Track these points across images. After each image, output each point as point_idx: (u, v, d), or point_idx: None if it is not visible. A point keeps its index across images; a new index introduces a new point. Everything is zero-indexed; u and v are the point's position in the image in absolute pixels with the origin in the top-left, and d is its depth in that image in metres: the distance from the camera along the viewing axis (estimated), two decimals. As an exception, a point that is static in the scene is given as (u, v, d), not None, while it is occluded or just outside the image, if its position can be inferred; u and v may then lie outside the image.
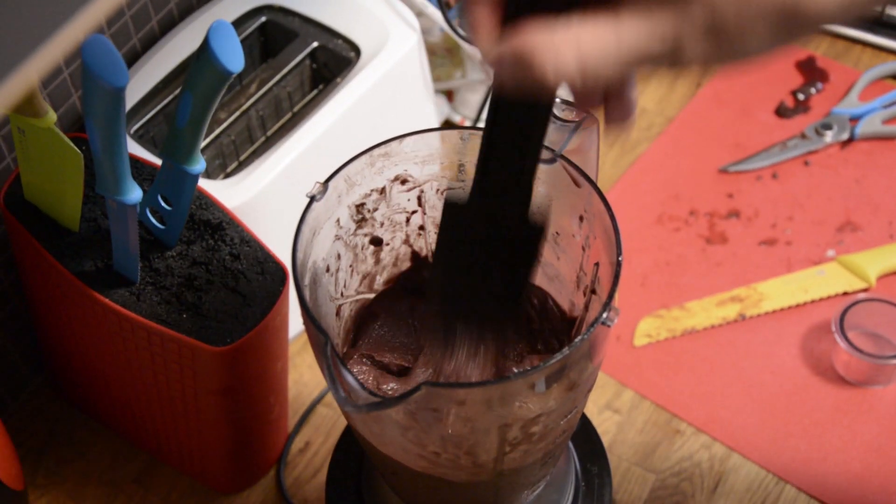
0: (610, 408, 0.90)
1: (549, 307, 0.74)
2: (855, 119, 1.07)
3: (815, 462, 0.87)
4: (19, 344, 0.91)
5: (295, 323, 0.82)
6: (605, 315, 0.59)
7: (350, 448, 0.83)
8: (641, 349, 0.94)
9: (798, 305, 0.95)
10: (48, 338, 0.88)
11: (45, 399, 0.93)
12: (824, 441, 0.88)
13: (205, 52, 0.62)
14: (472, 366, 0.66)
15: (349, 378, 0.57)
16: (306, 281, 0.65)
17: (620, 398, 0.91)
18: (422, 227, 0.75)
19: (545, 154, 0.66)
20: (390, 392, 0.70)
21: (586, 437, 0.83)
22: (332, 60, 0.92)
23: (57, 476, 0.89)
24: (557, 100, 0.67)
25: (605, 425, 0.89)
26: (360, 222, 0.71)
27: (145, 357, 0.75)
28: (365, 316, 0.75)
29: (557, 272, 0.73)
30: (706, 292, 0.97)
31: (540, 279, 0.75)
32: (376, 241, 0.74)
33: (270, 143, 0.86)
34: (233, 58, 0.63)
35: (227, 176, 0.88)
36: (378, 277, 0.75)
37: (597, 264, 0.66)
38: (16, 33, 0.34)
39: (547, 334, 0.73)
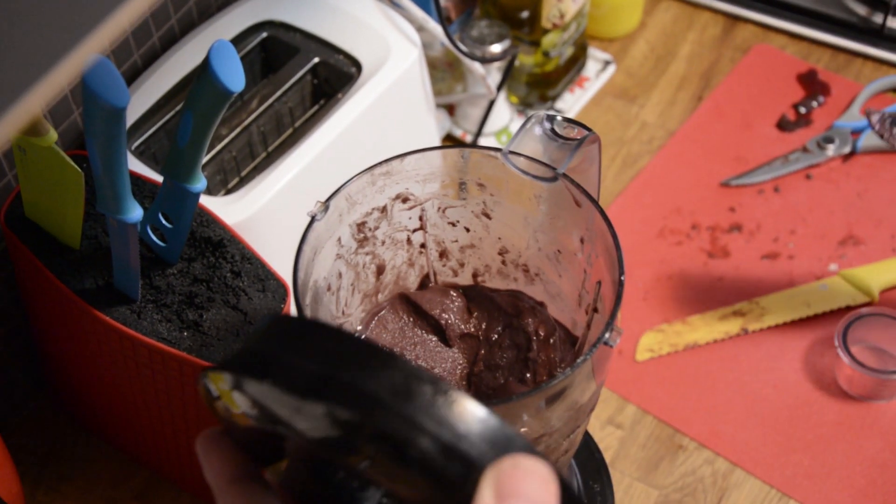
0: (612, 423, 0.90)
1: (554, 339, 0.74)
2: (857, 132, 1.07)
3: (819, 477, 0.86)
4: (20, 360, 0.90)
5: (296, 340, 0.81)
6: (607, 335, 0.59)
7: (352, 465, 0.82)
8: (643, 364, 0.93)
9: (801, 320, 0.95)
10: (49, 354, 0.88)
11: (45, 416, 0.93)
12: (828, 456, 0.87)
13: (206, 71, 0.62)
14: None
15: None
16: (307, 300, 0.65)
17: (622, 413, 0.91)
18: (423, 246, 0.74)
19: (547, 172, 0.66)
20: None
21: (588, 454, 0.83)
22: (334, 76, 0.92)
23: (57, 493, 0.89)
24: (559, 118, 0.67)
25: (607, 440, 0.89)
26: (362, 241, 0.71)
27: (146, 374, 0.75)
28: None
29: (559, 290, 0.72)
30: (708, 307, 0.97)
31: (542, 297, 0.75)
32: (381, 270, 0.74)
33: (272, 158, 0.86)
34: (234, 77, 0.63)
35: (229, 192, 0.87)
36: (379, 296, 0.75)
37: (599, 283, 0.66)
38: (22, 60, 0.34)
39: (539, 365, 0.73)
